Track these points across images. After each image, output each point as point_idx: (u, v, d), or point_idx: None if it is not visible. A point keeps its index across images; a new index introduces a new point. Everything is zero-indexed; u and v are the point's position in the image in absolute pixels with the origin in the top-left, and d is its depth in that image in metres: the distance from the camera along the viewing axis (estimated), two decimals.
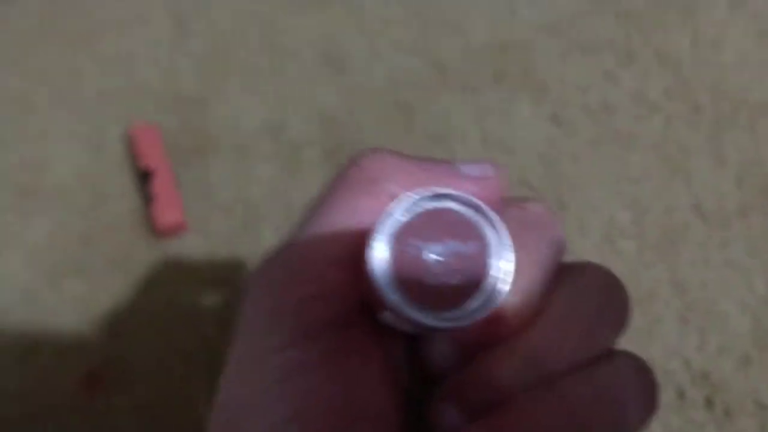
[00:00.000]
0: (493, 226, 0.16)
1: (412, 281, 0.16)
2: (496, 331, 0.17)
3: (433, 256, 0.16)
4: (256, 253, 0.40)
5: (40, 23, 0.45)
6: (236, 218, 0.41)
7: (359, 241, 0.16)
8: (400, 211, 0.16)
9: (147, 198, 0.40)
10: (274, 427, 0.15)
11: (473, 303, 0.16)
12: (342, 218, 0.17)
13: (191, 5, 0.45)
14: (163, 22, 0.45)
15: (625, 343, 0.18)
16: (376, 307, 0.17)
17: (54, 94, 0.43)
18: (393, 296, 0.16)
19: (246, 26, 0.45)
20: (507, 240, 0.16)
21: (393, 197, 0.17)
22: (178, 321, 0.38)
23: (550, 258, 0.18)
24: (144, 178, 0.40)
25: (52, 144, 0.42)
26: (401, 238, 0.16)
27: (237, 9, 0.45)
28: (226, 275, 0.40)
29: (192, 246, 0.40)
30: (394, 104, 0.43)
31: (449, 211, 0.16)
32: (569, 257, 0.19)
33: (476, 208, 0.16)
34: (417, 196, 0.16)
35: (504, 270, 0.16)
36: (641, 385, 0.17)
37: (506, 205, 0.18)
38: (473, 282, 0.16)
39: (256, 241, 0.40)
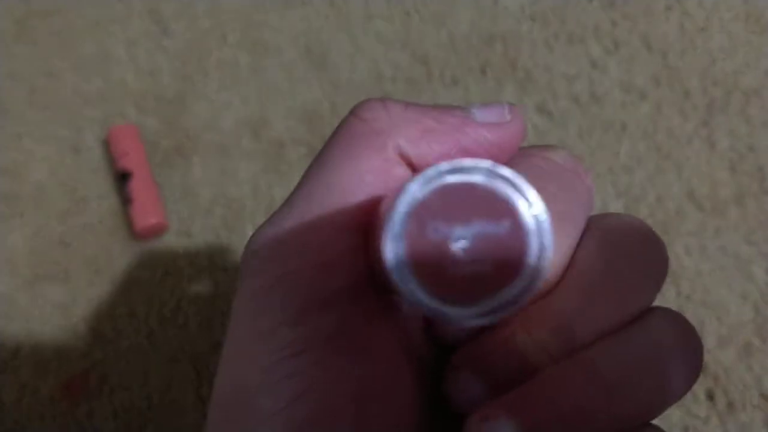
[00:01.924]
0: (527, 199, 0.14)
1: (434, 272, 0.13)
2: None
3: (459, 242, 0.14)
4: (239, 254, 0.39)
5: (16, 23, 0.44)
6: (218, 218, 0.40)
7: (365, 204, 0.15)
8: (416, 187, 0.14)
9: (126, 200, 0.39)
10: (286, 405, 0.14)
11: (508, 292, 0.13)
12: (345, 179, 0.15)
13: (169, 3, 0.44)
14: (141, 21, 0.44)
15: None
16: (391, 291, 0.15)
17: (30, 96, 0.43)
18: (412, 290, 0.13)
19: (225, 23, 0.44)
20: (544, 215, 0.14)
21: (400, 152, 0.16)
22: (161, 324, 0.38)
23: (579, 212, 0.16)
24: (122, 179, 0.39)
25: (28, 147, 0.41)
26: (420, 221, 0.14)
27: (216, 5, 0.45)
28: (208, 277, 0.39)
29: (173, 247, 0.39)
30: None
31: (474, 185, 0.14)
32: None
33: (505, 180, 0.14)
34: (436, 169, 0.14)
35: (546, 249, 0.14)
36: (682, 347, 0.15)
37: (527, 155, 0.17)
38: (507, 268, 0.13)
39: (239, 241, 0.39)
